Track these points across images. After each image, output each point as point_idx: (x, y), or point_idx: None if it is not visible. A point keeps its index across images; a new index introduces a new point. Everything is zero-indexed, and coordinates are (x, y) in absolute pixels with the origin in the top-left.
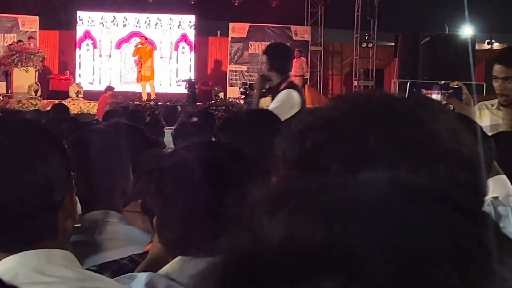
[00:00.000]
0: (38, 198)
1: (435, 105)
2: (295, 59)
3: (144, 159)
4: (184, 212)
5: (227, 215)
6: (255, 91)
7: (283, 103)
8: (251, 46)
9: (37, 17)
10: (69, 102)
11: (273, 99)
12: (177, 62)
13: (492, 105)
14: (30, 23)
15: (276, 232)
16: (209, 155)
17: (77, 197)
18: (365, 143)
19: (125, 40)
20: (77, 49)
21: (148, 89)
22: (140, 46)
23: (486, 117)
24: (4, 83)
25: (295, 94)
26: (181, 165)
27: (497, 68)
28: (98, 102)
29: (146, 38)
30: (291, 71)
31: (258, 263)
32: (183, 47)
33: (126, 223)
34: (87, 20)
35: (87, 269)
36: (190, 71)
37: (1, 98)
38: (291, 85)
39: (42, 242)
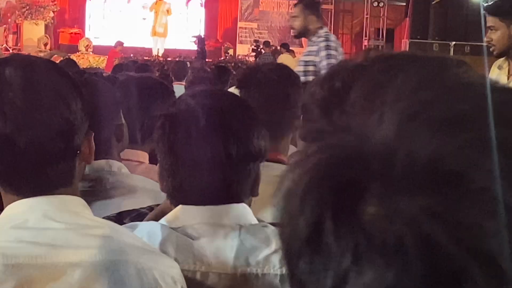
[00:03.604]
0: (59, 144)
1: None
2: None
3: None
4: (186, 159)
5: (230, 164)
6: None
7: None
8: (261, 3)
9: None
10: (79, 56)
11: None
12: (187, 18)
13: (500, 65)
14: None
15: (386, 136)
16: (215, 103)
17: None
18: (391, 83)
19: None
20: (88, 3)
21: (159, 45)
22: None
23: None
24: (14, 36)
25: None
26: (186, 112)
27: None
28: (107, 56)
29: None
30: None
31: (363, 164)
32: (194, 3)
33: (127, 172)
34: None
35: (107, 217)
36: (200, 27)
37: (11, 51)
38: None
39: (58, 189)
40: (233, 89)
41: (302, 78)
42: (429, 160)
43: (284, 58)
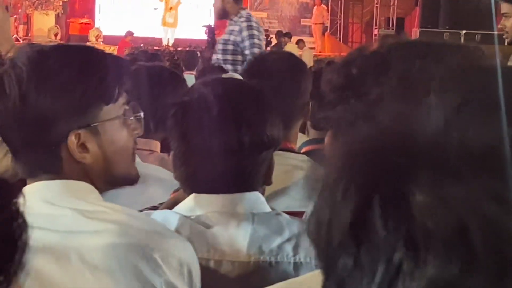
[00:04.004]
0: (31, 132)
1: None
2: (315, 6)
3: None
4: (199, 148)
5: (243, 153)
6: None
7: None
8: None
9: None
10: None
11: None
12: (197, 8)
13: None
14: None
15: (436, 125)
16: (228, 92)
17: None
18: (409, 71)
19: None
20: None
21: (169, 35)
22: None
23: None
24: (24, 26)
25: None
26: (199, 101)
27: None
28: (117, 46)
29: None
30: None
31: (411, 151)
32: None
33: (139, 161)
34: None
35: None
36: (210, 17)
37: (21, 42)
38: None
39: (42, 175)
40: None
41: (220, 56)
42: (485, 146)
43: (289, 48)
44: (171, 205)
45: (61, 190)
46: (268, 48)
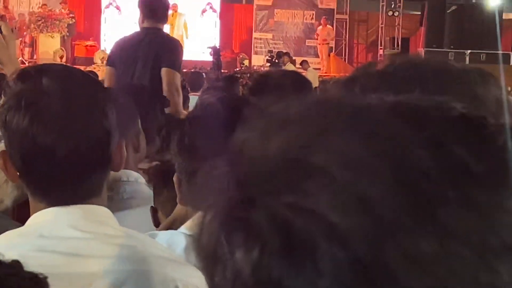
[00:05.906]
0: (97, 153)
1: (489, 75)
2: (321, 27)
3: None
4: (205, 161)
5: None
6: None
7: None
8: (276, 14)
9: None
10: (94, 68)
11: None
12: (202, 29)
13: None
14: None
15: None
16: (233, 108)
17: None
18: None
19: None
20: (102, 15)
21: None
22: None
23: None
24: (29, 48)
25: None
26: (205, 116)
27: None
28: None
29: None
30: None
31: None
32: (209, 15)
33: (144, 182)
34: None
35: None
36: (215, 38)
37: (27, 64)
38: None
39: (90, 199)
40: None
41: None
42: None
43: (288, 68)
44: (171, 223)
45: (86, 215)
46: (267, 69)
